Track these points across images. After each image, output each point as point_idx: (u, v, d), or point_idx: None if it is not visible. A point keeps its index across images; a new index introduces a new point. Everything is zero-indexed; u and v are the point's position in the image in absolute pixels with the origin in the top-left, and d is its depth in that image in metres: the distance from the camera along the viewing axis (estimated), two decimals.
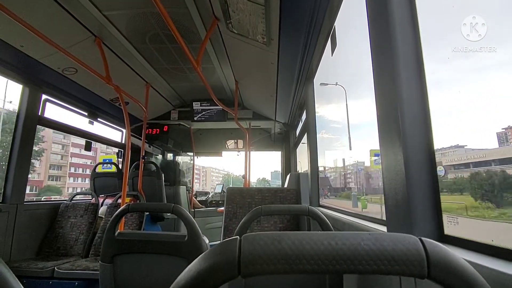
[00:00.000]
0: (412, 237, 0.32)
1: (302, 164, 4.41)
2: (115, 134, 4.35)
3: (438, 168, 0.76)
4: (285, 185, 2.66)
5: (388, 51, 0.85)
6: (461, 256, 0.36)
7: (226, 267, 0.31)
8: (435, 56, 0.87)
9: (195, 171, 5.60)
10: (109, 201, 3.42)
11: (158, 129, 4.47)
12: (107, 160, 5.13)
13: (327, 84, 2.62)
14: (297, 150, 4.36)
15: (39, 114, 2.74)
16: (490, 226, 0.92)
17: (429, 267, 0.30)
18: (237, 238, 0.33)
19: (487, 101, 0.88)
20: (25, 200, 2.62)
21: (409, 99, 0.79)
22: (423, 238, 0.32)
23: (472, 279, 0.30)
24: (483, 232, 0.93)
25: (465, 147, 1.07)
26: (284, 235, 0.33)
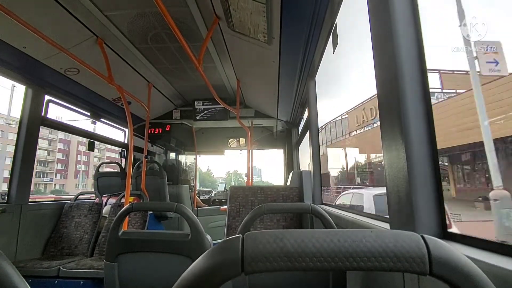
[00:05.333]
0: (414, 234, 0.33)
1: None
2: (118, 134, 4.38)
3: None
4: (288, 183, 2.66)
5: (389, 47, 0.84)
6: (464, 253, 0.36)
7: (230, 265, 0.31)
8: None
9: None
10: (112, 200, 3.44)
11: (160, 129, 4.49)
12: None
13: None
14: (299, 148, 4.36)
15: (42, 114, 2.76)
16: None
17: (431, 264, 0.30)
18: (239, 236, 0.33)
19: None
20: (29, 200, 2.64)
21: (411, 95, 0.79)
22: (424, 235, 0.32)
23: (474, 275, 0.30)
24: None
25: None
26: (286, 233, 0.33)
